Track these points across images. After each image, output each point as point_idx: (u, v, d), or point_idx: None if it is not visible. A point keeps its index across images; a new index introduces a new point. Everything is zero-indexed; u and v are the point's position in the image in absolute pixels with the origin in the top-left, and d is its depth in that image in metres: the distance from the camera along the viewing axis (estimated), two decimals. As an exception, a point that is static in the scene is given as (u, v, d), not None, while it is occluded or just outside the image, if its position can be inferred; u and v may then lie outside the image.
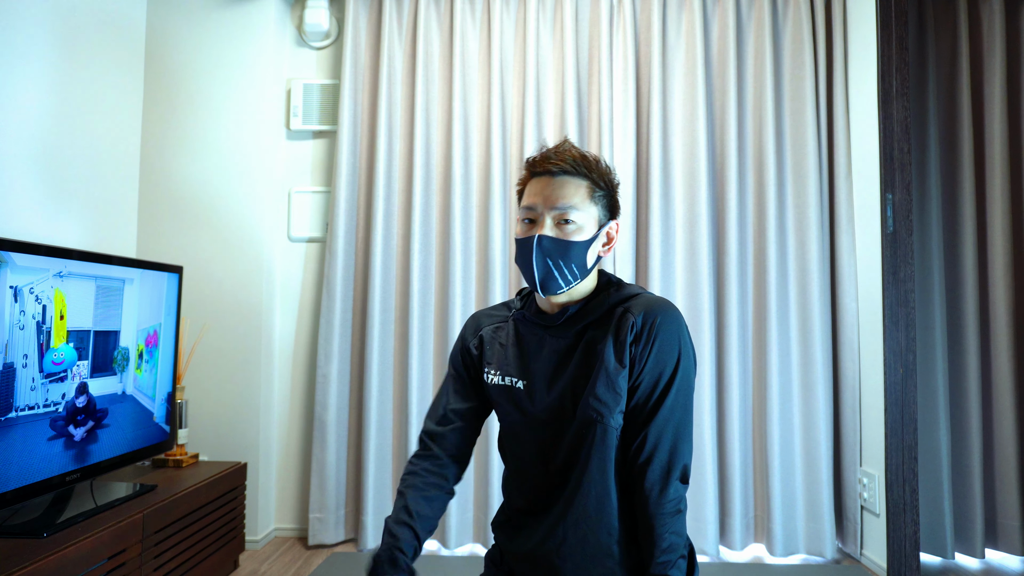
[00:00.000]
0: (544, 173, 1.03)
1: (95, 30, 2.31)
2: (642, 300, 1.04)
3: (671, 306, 1.02)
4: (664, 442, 0.99)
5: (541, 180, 1.03)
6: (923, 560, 2.31)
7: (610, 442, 1.00)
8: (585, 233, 1.02)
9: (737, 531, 2.46)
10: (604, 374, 0.99)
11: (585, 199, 1.02)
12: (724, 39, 2.58)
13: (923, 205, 2.41)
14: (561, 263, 1.01)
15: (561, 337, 1.06)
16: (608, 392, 0.99)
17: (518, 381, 1.08)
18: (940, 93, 2.48)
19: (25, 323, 1.57)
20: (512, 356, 1.11)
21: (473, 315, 1.22)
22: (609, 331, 1.02)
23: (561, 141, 1.08)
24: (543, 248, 1.00)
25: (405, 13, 2.65)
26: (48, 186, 2.10)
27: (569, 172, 1.02)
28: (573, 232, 1.01)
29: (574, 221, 1.01)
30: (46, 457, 1.63)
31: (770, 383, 2.48)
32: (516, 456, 1.10)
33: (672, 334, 1.00)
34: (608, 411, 0.99)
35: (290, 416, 2.68)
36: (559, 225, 1.01)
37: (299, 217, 2.72)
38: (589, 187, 1.03)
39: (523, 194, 1.07)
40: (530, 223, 1.04)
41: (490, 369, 1.12)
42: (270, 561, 2.39)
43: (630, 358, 1.00)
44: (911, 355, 2.11)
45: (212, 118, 2.59)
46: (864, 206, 2.44)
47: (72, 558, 1.46)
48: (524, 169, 1.08)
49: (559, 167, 1.02)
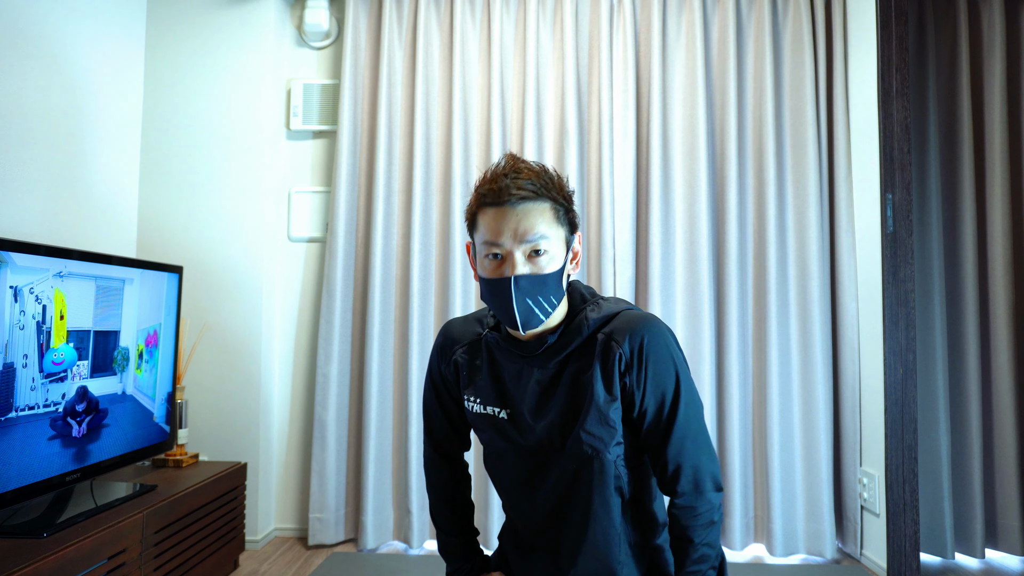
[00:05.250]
0: (506, 203, 0.92)
1: (95, 30, 2.31)
2: (622, 323, 0.98)
3: (652, 321, 0.98)
4: (686, 457, 0.97)
5: (500, 211, 0.92)
6: (923, 560, 2.31)
7: (608, 476, 0.98)
8: (557, 260, 0.95)
9: (737, 531, 2.46)
10: (595, 409, 0.96)
11: (551, 223, 0.94)
12: (724, 39, 2.58)
13: (923, 205, 2.41)
14: (540, 298, 0.94)
15: (543, 368, 1.01)
16: (601, 427, 0.96)
17: (500, 411, 1.04)
18: (940, 93, 2.48)
19: (25, 323, 1.57)
20: (490, 384, 1.06)
21: (444, 328, 1.15)
22: (595, 361, 0.97)
23: (508, 159, 0.97)
24: (521, 288, 0.92)
25: (405, 13, 2.65)
26: (48, 185, 2.10)
27: (530, 198, 0.93)
28: (547, 263, 0.94)
29: (546, 251, 0.93)
30: (46, 457, 1.63)
31: (770, 383, 2.48)
32: (501, 479, 1.09)
33: (662, 352, 0.96)
34: (603, 445, 0.97)
35: (290, 416, 2.68)
36: (530, 258, 0.93)
37: (299, 217, 2.72)
38: (552, 208, 0.95)
39: (475, 223, 0.97)
40: (496, 259, 0.94)
41: (469, 396, 1.08)
42: (270, 561, 2.39)
43: (622, 388, 0.96)
44: (911, 355, 2.11)
45: (212, 118, 2.59)
46: (864, 206, 2.44)
47: (72, 558, 1.46)
48: (474, 199, 0.97)
49: (518, 195, 0.92)
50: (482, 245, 0.95)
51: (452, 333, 1.13)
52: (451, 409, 1.16)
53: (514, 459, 1.05)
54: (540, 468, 1.02)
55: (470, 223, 1.00)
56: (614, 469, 0.98)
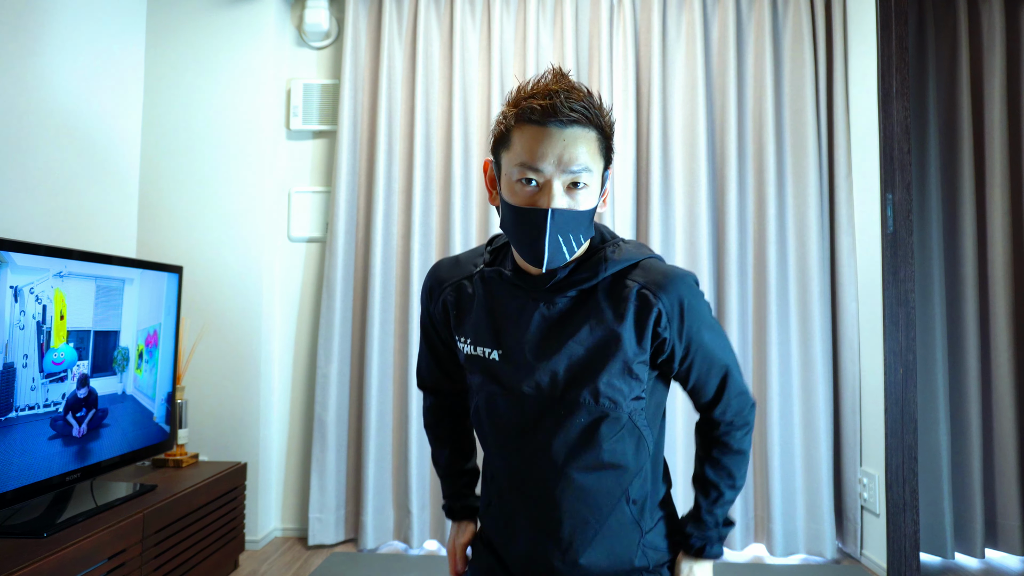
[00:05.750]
0: (552, 123, 0.81)
1: (95, 30, 2.31)
2: (657, 275, 0.90)
3: (685, 274, 0.92)
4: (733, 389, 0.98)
5: (545, 132, 0.82)
6: (923, 560, 2.31)
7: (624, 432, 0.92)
8: (593, 197, 0.86)
9: (737, 531, 2.46)
10: (621, 360, 0.89)
11: (595, 155, 0.85)
12: (724, 39, 2.58)
13: (923, 205, 2.41)
14: (571, 235, 0.85)
15: (549, 304, 0.92)
16: (623, 379, 0.89)
17: (492, 352, 0.94)
18: (940, 93, 2.48)
19: (25, 323, 1.57)
20: (484, 322, 0.96)
21: (431, 270, 1.04)
22: (626, 310, 0.89)
23: (555, 74, 0.86)
24: (556, 224, 0.83)
25: (405, 13, 2.65)
26: (48, 185, 2.10)
27: (580, 122, 0.82)
28: (585, 199, 0.85)
29: (586, 185, 0.84)
30: (46, 457, 1.63)
31: (770, 383, 2.48)
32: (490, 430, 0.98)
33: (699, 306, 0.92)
34: (623, 398, 0.90)
35: (290, 416, 2.68)
36: (569, 191, 0.84)
37: (299, 217, 2.72)
38: (598, 139, 0.85)
39: (508, 140, 0.85)
40: (529, 185, 0.83)
41: (460, 337, 0.98)
42: (270, 561, 2.39)
43: (654, 338, 0.90)
44: (911, 355, 2.11)
45: (212, 118, 2.59)
46: (864, 206, 2.44)
47: (72, 558, 1.46)
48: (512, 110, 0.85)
49: (570, 117, 0.81)
50: (516, 167, 0.84)
51: (440, 273, 1.02)
52: (440, 353, 1.08)
53: (506, 407, 0.94)
54: (539, 418, 0.92)
55: (500, 139, 0.87)
56: (631, 424, 0.92)
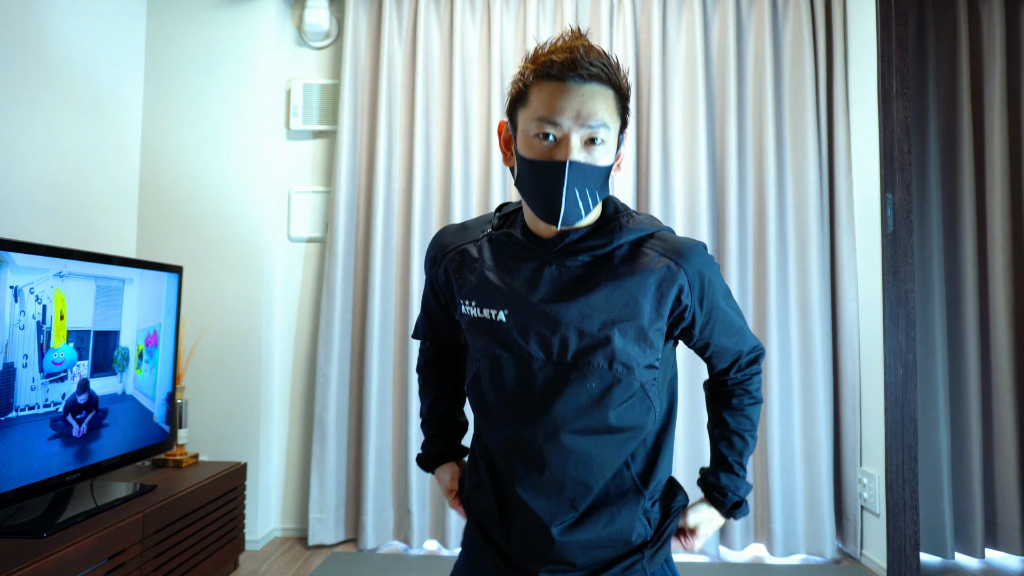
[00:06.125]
0: (571, 78, 0.82)
1: (95, 29, 2.31)
2: (676, 243, 0.92)
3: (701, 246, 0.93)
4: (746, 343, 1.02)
5: (564, 87, 0.82)
6: (923, 560, 2.31)
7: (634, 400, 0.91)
8: (610, 154, 0.87)
9: (737, 531, 2.46)
10: (637, 327, 0.89)
11: (613, 113, 0.85)
12: (724, 39, 2.58)
13: (923, 205, 2.41)
14: (587, 191, 0.85)
15: (560, 266, 0.91)
16: (638, 345, 0.89)
17: (498, 313, 0.93)
18: (940, 93, 2.48)
19: (25, 323, 1.57)
20: (489, 283, 0.94)
21: (437, 235, 1.04)
22: (642, 277, 0.89)
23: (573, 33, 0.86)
24: (574, 177, 0.83)
25: (405, 13, 2.65)
26: (48, 185, 2.10)
27: (599, 78, 0.83)
28: (602, 155, 0.85)
29: (603, 141, 0.84)
30: (46, 457, 1.63)
31: (770, 383, 2.48)
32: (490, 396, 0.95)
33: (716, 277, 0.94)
34: (636, 364, 0.90)
35: (290, 416, 2.68)
36: (587, 146, 0.84)
37: (299, 217, 2.72)
38: (615, 98, 0.86)
39: (526, 97, 0.86)
40: (547, 139, 0.84)
41: (465, 301, 0.97)
42: (270, 561, 2.39)
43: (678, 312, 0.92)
44: (911, 355, 2.11)
45: (212, 118, 2.59)
46: (864, 206, 2.44)
47: (72, 558, 1.46)
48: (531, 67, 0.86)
49: (589, 71, 0.82)
50: (534, 122, 0.84)
51: (444, 239, 1.02)
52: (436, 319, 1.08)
53: (512, 370, 0.92)
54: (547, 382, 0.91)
55: (517, 97, 0.88)
56: (642, 392, 0.91)
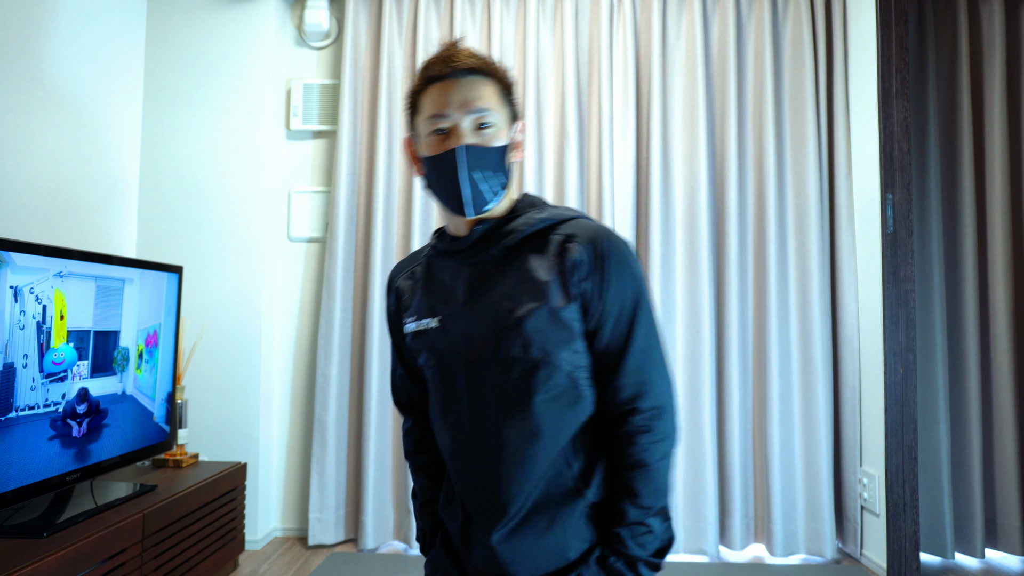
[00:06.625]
0: (448, 76, 0.90)
1: (95, 30, 2.31)
2: (582, 227, 0.91)
3: (613, 232, 0.92)
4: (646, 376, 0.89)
5: (446, 84, 0.90)
6: (923, 560, 2.31)
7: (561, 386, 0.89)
8: (503, 136, 0.92)
9: (737, 531, 2.46)
10: (546, 307, 0.87)
11: (498, 100, 0.92)
12: (724, 39, 2.58)
13: (923, 205, 2.41)
14: (488, 173, 0.90)
15: (478, 262, 0.94)
16: (551, 325, 0.87)
17: (431, 320, 0.96)
18: (940, 93, 2.48)
19: (25, 323, 1.57)
20: (422, 295, 0.99)
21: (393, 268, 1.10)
22: (547, 261, 0.90)
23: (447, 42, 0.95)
24: (469, 158, 0.88)
25: (405, 13, 2.65)
26: (48, 185, 2.10)
27: (478, 69, 0.91)
28: (493, 136, 0.90)
29: (493, 124, 0.90)
30: (46, 457, 1.63)
31: (770, 383, 2.48)
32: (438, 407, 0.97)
33: (625, 264, 0.89)
34: (554, 348, 0.88)
35: (290, 416, 2.68)
36: (478, 130, 0.90)
37: (299, 217, 2.72)
38: (497, 87, 0.93)
39: (418, 105, 0.93)
40: (441, 135, 0.90)
41: (407, 319, 1.00)
42: (270, 561, 2.39)
43: (581, 295, 0.88)
44: (911, 355, 2.11)
45: (212, 118, 2.59)
46: (864, 206, 2.44)
47: (72, 558, 1.46)
48: (417, 79, 0.94)
49: (466, 63, 0.90)
50: (427, 121, 0.91)
51: (394, 269, 1.09)
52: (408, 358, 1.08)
53: (448, 376, 0.94)
54: (477, 381, 0.91)
55: (412, 108, 0.95)
56: (568, 380, 0.89)
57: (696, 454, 2.46)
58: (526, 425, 0.88)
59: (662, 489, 0.88)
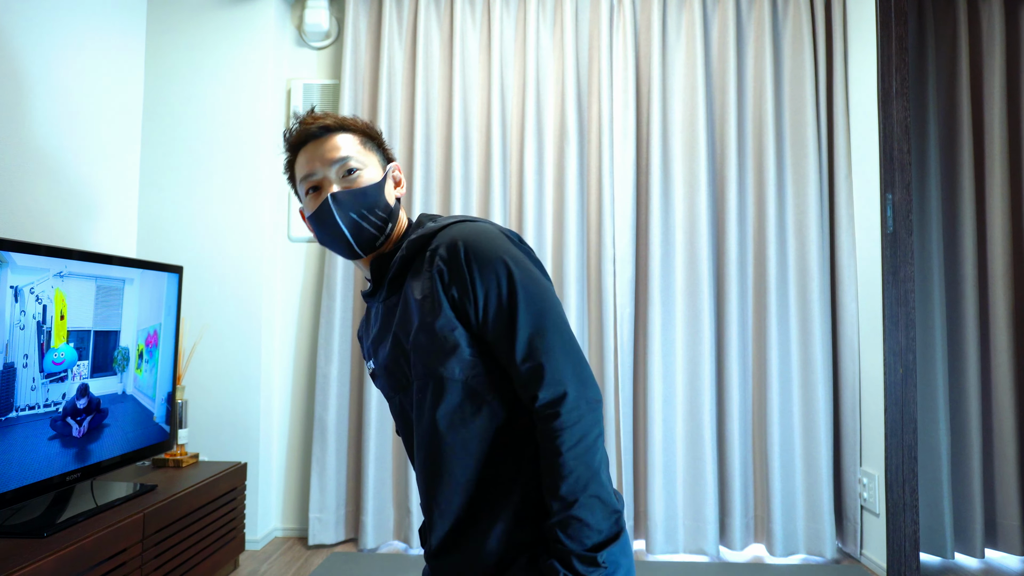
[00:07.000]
0: (308, 140, 0.97)
1: (95, 30, 2.31)
2: (448, 233, 0.90)
3: (476, 227, 0.90)
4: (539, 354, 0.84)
5: (309, 147, 0.97)
6: (923, 560, 2.31)
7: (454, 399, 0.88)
8: (374, 176, 0.97)
9: (737, 531, 2.46)
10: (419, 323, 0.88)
11: (359, 147, 0.98)
12: (724, 39, 2.58)
13: (923, 205, 2.42)
14: (364, 211, 0.95)
15: (383, 299, 0.99)
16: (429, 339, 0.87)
17: (371, 363, 1.03)
18: (940, 93, 2.48)
19: (25, 323, 1.57)
20: (365, 339, 1.08)
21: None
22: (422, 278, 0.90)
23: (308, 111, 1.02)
24: (340, 203, 0.93)
25: (405, 13, 2.65)
26: (48, 185, 2.10)
27: (332, 128, 0.97)
28: (361, 179, 0.95)
29: (359, 169, 0.96)
30: (46, 457, 1.63)
31: (770, 383, 2.48)
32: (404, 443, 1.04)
33: (485, 254, 0.86)
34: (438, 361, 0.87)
35: (290, 416, 2.68)
36: (345, 178, 0.95)
37: (299, 217, 2.72)
38: (358, 136, 0.99)
39: (295, 176, 1.00)
40: (315, 192, 0.96)
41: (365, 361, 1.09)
42: (270, 561, 2.39)
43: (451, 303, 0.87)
44: (911, 355, 2.11)
45: (212, 118, 2.59)
46: (864, 206, 2.44)
47: (72, 558, 1.46)
48: (286, 151, 1.01)
49: (320, 126, 0.97)
50: (301, 184, 0.98)
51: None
52: None
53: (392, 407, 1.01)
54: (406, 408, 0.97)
55: (291, 180, 1.02)
56: (466, 390, 0.88)
57: (696, 454, 2.46)
58: (434, 442, 0.89)
59: (582, 478, 0.80)
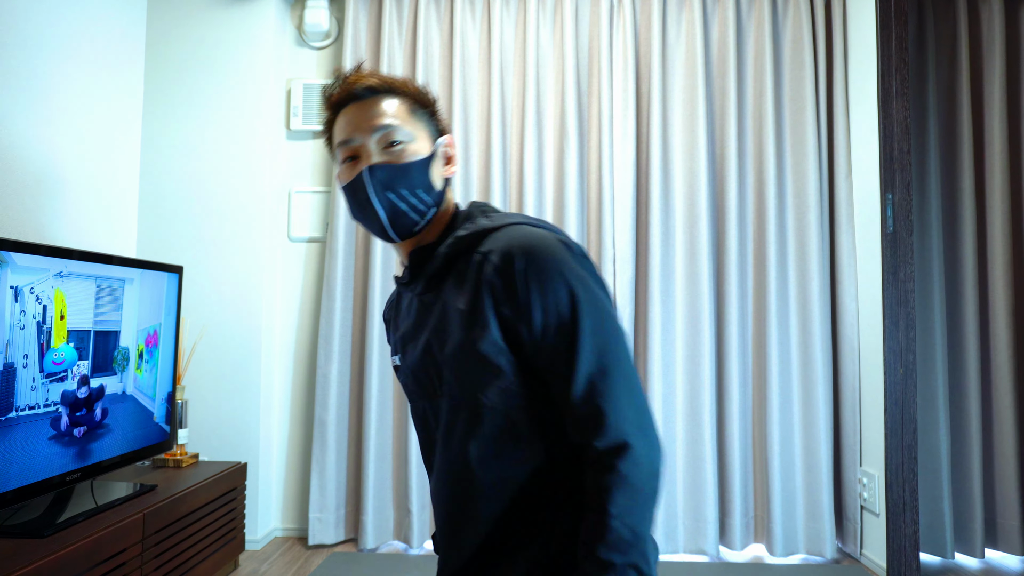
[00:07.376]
0: (350, 101, 0.86)
1: (95, 29, 2.31)
2: (502, 240, 0.79)
3: (535, 235, 0.78)
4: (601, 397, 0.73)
5: (350, 109, 0.85)
6: (923, 560, 2.31)
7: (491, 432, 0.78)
8: (420, 151, 0.85)
9: (737, 531, 2.46)
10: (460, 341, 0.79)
11: (407, 114, 0.85)
12: (724, 39, 2.58)
13: (923, 205, 2.42)
14: (405, 191, 0.82)
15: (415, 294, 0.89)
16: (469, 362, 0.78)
17: (396, 358, 0.94)
18: (940, 93, 2.48)
19: (25, 323, 1.57)
20: (394, 330, 0.97)
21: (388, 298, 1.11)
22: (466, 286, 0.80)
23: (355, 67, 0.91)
24: (378, 179, 0.81)
25: (405, 13, 2.65)
26: (48, 185, 2.10)
27: (378, 91, 0.85)
28: (406, 152, 0.83)
29: (403, 141, 0.83)
30: (46, 457, 1.63)
31: (770, 383, 2.48)
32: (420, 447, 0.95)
33: (547, 273, 0.75)
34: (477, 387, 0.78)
35: (290, 416, 2.68)
36: (387, 149, 0.83)
37: (299, 217, 2.72)
38: (406, 103, 0.87)
39: (332, 138, 0.90)
40: (352, 161, 0.85)
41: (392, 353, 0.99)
42: (270, 561, 2.39)
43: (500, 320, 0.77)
44: (911, 355, 2.11)
45: (212, 118, 2.59)
46: (864, 206, 2.44)
47: (72, 558, 1.46)
48: (324, 108, 0.90)
49: (365, 87, 0.85)
50: (338, 150, 0.87)
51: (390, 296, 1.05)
52: None
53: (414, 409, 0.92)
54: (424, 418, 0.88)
55: (329, 142, 0.91)
56: (505, 422, 0.77)
57: (696, 454, 2.46)
58: (464, 477, 0.80)
59: (627, 542, 0.69)
